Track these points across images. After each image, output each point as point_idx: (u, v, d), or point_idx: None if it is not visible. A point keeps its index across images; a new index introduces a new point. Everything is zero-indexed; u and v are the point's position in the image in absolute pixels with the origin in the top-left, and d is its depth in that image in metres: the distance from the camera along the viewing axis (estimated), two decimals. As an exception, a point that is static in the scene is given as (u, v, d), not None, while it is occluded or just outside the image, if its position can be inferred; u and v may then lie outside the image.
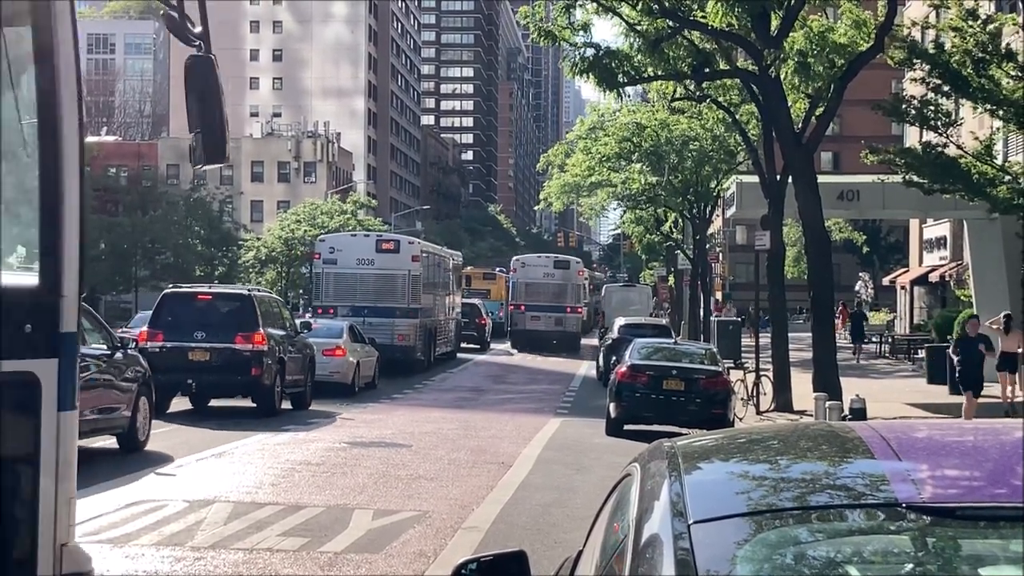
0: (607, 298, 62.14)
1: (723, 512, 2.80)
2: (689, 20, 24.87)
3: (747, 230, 75.31)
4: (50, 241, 5.21)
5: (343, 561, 10.71)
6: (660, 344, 25.11)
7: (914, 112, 26.42)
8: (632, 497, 3.18)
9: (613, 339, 33.96)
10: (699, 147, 46.15)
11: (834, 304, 28.37)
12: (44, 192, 5.20)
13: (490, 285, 66.67)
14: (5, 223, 5.23)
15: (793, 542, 2.71)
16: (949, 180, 25.52)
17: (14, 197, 5.30)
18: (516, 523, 12.88)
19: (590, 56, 26.00)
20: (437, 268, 41.60)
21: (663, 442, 3.54)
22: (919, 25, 28.35)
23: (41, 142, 5.23)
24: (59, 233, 5.23)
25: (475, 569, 3.61)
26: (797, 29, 25.54)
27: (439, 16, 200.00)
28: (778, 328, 26.84)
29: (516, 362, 45.49)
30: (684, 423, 20.79)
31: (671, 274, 69.77)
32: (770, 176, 27.98)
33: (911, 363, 40.81)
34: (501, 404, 27.83)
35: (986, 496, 2.87)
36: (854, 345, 45.16)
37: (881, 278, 69.36)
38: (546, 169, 58.79)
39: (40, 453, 5.17)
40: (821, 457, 3.36)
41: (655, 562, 2.62)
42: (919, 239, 50.53)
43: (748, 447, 3.64)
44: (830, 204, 29.21)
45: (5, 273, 5.15)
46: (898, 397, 27.53)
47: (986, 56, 23.59)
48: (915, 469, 3.07)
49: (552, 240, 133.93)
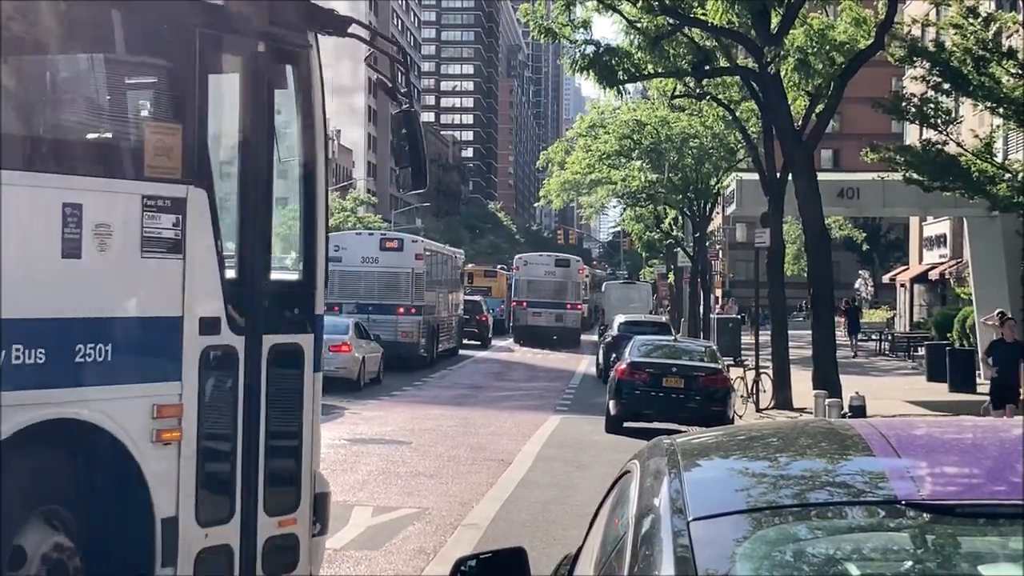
0: (607, 295, 62.21)
1: (722, 509, 2.80)
2: (689, 17, 24.85)
3: (747, 227, 75.22)
4: (307, 249, 7.51)
5: (342, 558, 10.71)
6: (660, 341, 25.12)
7: (914, 110, 26.43)
8: (631, 494, 3.18)
9: (613, 336, 33.94)
10: (699, 144, 46.13)
11: (834, 302, 28.34)
12: (305, 215, 7.52)
13: (491, 282, 66.78)
14: (279, 240, 7.49)
15: (792, 539, 2.72)
16: (949, 178, 25.53)
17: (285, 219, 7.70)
18: (516, 520, 12.89)
19: (590, 53, 25.98)
20: (439, 266, 41.79)
21: (662, 439, 3.54)
22: (919, 23, 28.32)
23: (304, 181, 7.50)
24: (313, 244, 7.51)
25: (474, 566, 3.61)
26: (797, 26, 25.52)
27: (439, 13, 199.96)
28: (778, 325, 26.84)
29: (517, 359, 45.50)
30: (684, 420, 20.78)
31: (671, 271, 69.77)
32: (770, 173, 27.97)
33: (911, 361, 40.83)
34: (501, 401, 27.84)
35: (985, 493, 2.88)
36: (850, 339, 45.38)
37: (881, 276, 69.31)
38: (546, 166, 58.77)
39: (303, 401, 7.37)
40: (820, 454, 3.37)
41: (654, 559, 2.62)
42: (919, 237, 50.52)
43: (747, 444, 3.64)
44: (830, 202, 29.20)
45: (281, 272, 7.54)
46: (898, 395, 27.54)
47: (986, 54, 23.59)
48: (914, 466, 3.07)
49: (552, 237, 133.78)
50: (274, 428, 7.12)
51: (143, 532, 6.38)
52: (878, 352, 47.19)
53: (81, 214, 6.03)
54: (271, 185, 7.20)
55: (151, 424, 6.37)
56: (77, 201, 6.03)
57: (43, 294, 6.00)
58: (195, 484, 6.59)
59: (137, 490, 6.32)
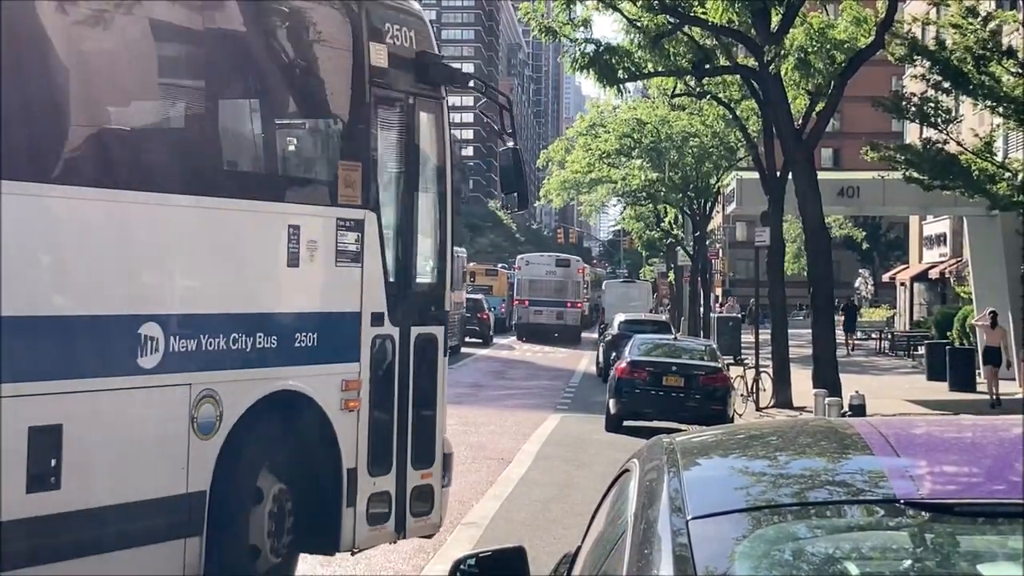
0: (607, 294, 62.37)
1: (721, 508, 2.80)
2: (689, 16, 24.83)
3: (747, 226, 75.24)
4: (439, 259, 9.47)
5: (341, 556, 10.70)
6: (660, 340, 25.09)
7: (914, 109, 26.43)
8: (631, 493, 3.18)
9: (613, 335, 33.90)
10: (699, 143, 46.08)
11: (834, 301, 28.34)
12: (439, 232, 9.46)
13: (492, 281, 66.93)
14: (420, 252, 9.28)
15: (791, 538, 2.72)
16: (949, 177, 25.53)
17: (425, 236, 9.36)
18: (515, 519, 12.90)
19: (590, 52, 25.96)
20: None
21: (662, 438, 3.54)
22: (919, 22, 28.32)
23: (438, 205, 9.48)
24: (444, 254, 9.47)
25: (474, 565, 3.61)
26: (797, 25, 25.50)
27: (440, 12, 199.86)
28: (778, 324, 26.83)
29: (517, 357, 45.50)
30: (684, 419, 20.77)
31: (671, 270, 69.73)
32: (770, 172, 27.96)
33: (911, 360, 40.83)
34: (501, 400, 27.82)
35: (984, 492, 2.88)
36: (846, 337, 45.49)
37: (881, 275, 69.32)
38: (546, 165, 58.77)
39: (437, 380, 9.36)
40: (820, 453, 3.37)
41: (653, 558, 2.62)
42: (919, 236, 50.52)
43: (747, 443, 3.64)
44: (830, 200, 29.21)
45: (422, 278, 9.34)
46: (898, 394, 27.54)
47: (986, 53, 23.58)
48: (913, 465, 3.07)
49: (552, 236, 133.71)
50: (418, 400, 9.10)
51: (334, 480, 8.38)
52: (878, 351, 47.21)
53: (299, 233, 8.10)
54: (416, 209, 9.24)
55: (340, 395, 8.40)
56: (296, 223, 8.11)
57: (276, 295, 8.23)
58: (367, 443, 8.61)
59: (331, 447, 8.34)
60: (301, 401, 8.11)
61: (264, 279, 8.07)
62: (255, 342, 7.68)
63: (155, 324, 7.09)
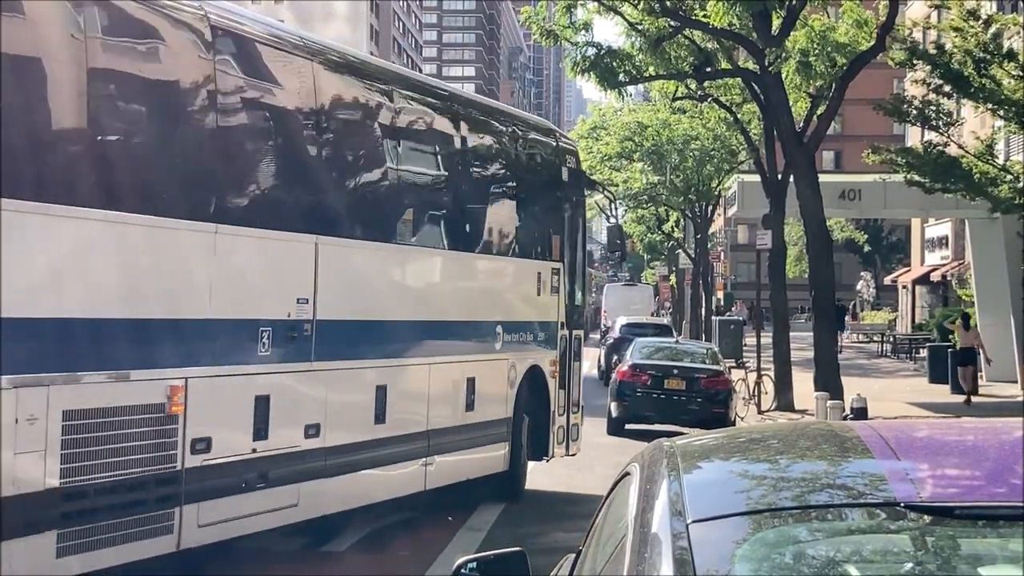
0: (608, 297, 62.21)
1: (722, 511, 2.80)
2: (690, 19, 24.84)
3: (749, 229, 75.27)
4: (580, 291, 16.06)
5: (345, 560, 10.71)
6: (661, 343, 25.09)
7: (915, 112, 26.41)
8: (631, 496, 3.18)
9: (614, 338, 33.90)
10: (701, 146, 46.05)
11: (835, 303, 28.29)
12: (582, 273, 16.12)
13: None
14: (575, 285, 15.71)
15: (792, 541, 2.72)
16: (950, 179, 25.50)
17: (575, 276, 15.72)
18: (516, 522, 12.88)
19: (591, 55, 25.96)
20: None
21: (663, 441, 3.54)
22: (920, 25, 28.30)
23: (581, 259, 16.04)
24: (583, 287, 16.36)
25: (475, 568, 3.62)
26: (798, 28, 25.49)
27: (440, 15, 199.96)
28: (780, 327, 26.81)
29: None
30: (685, 422, 20.77)
31: (672, 273, 69.69)
32: (771, 175, 27.96)
33: (913, 362, 40.80)
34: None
35: (985, 495, 2.88)
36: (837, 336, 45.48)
37: (883, 277, 69.28)
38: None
39: (581, 359, 16.24)
40: (820, 457, 3.36)
41: (654, 561, 2.62)
42: (920, 238, 50.49)
43: (747, 446, 3.64)
44: (832, 203, 29.17)
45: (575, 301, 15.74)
46: (899, 397, 27.52)
47: (987, 56, 23.56)
48: (914, 469, 3.07)
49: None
50: (574, 371, 15.48)
51: (546, 417, 14.62)
52: (880, 354, 47.17)
53: (539, 277, 14.61)
54: (575, 261, 15.60)
55: (551, 368, 14.73)
56: (538, 271, 14.63)
57: (532, 311, 14.62)
58: (560, 397, 14.92)
59: (546, 398, 14.62)
60: (538, 371, 14.42)
61: (528, 303, 14.58)
62: (528, 337, 14.36)
63: (500, 326, 13.66)
